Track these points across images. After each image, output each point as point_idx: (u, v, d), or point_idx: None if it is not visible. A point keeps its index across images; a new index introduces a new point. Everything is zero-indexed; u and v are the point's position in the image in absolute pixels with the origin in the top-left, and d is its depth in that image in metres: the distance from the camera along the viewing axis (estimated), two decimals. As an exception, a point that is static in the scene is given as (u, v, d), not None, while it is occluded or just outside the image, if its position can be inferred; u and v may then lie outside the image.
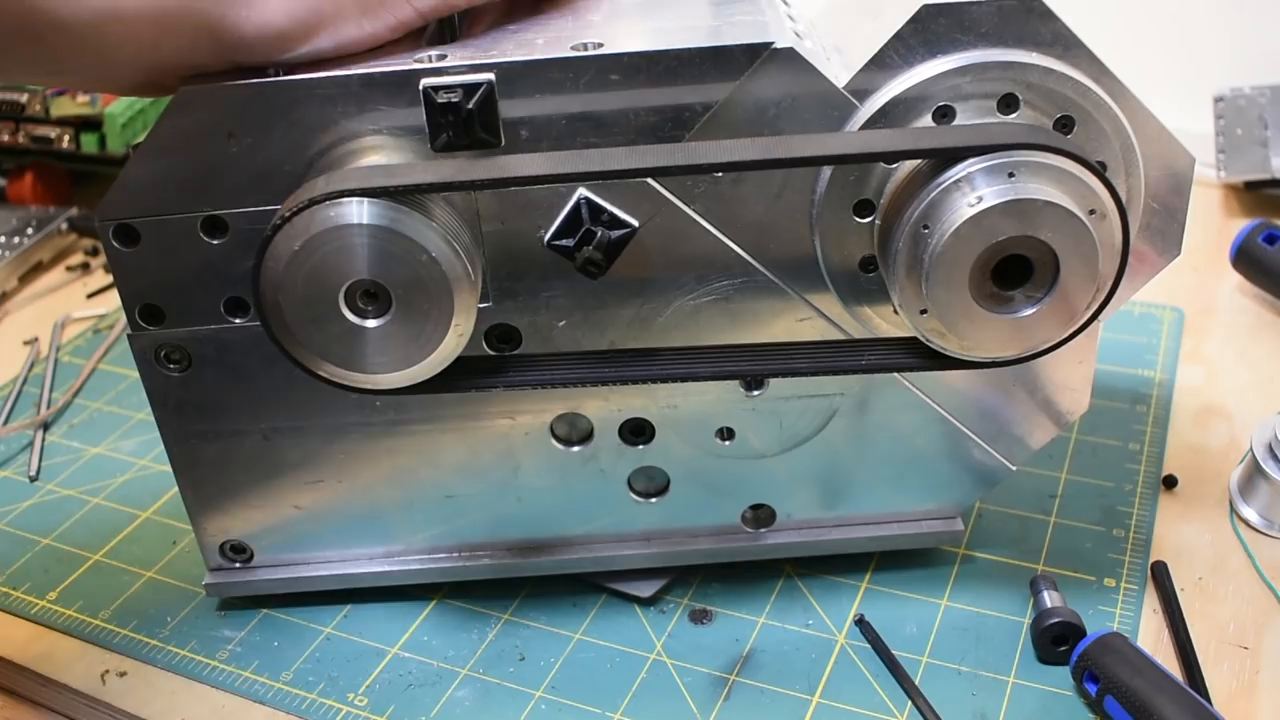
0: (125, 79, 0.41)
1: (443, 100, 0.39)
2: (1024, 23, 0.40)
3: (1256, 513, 0.54)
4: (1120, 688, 0.43)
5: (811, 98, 0.41)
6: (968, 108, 0.41)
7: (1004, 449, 0.49)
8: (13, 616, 0.53)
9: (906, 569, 0.52)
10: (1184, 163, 0.43)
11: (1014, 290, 0.40)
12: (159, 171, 0.41)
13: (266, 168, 0.41)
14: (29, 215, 0.84)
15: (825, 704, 0.46)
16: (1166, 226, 0.44)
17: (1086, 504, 0.55)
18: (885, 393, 0.47)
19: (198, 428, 0.47)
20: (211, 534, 0.50)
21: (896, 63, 0.40)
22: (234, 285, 0.43)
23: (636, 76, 0.40)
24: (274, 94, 0.40)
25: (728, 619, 0.50)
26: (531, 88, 0.40)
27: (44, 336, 0.74)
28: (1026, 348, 0.41)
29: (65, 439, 0.65)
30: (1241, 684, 0.46)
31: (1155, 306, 0.70)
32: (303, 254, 0.38)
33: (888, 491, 0.50)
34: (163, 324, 0.44)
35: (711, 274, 0.44)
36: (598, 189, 0.42)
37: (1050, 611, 0.47)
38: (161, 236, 0.42)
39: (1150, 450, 0.58)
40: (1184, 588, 0.50)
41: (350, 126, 0.40)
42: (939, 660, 0.48)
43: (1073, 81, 0.40)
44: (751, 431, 0.48)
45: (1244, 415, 0.61)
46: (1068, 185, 0.38)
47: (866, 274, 0.44)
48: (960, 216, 0.38)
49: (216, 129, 0.40)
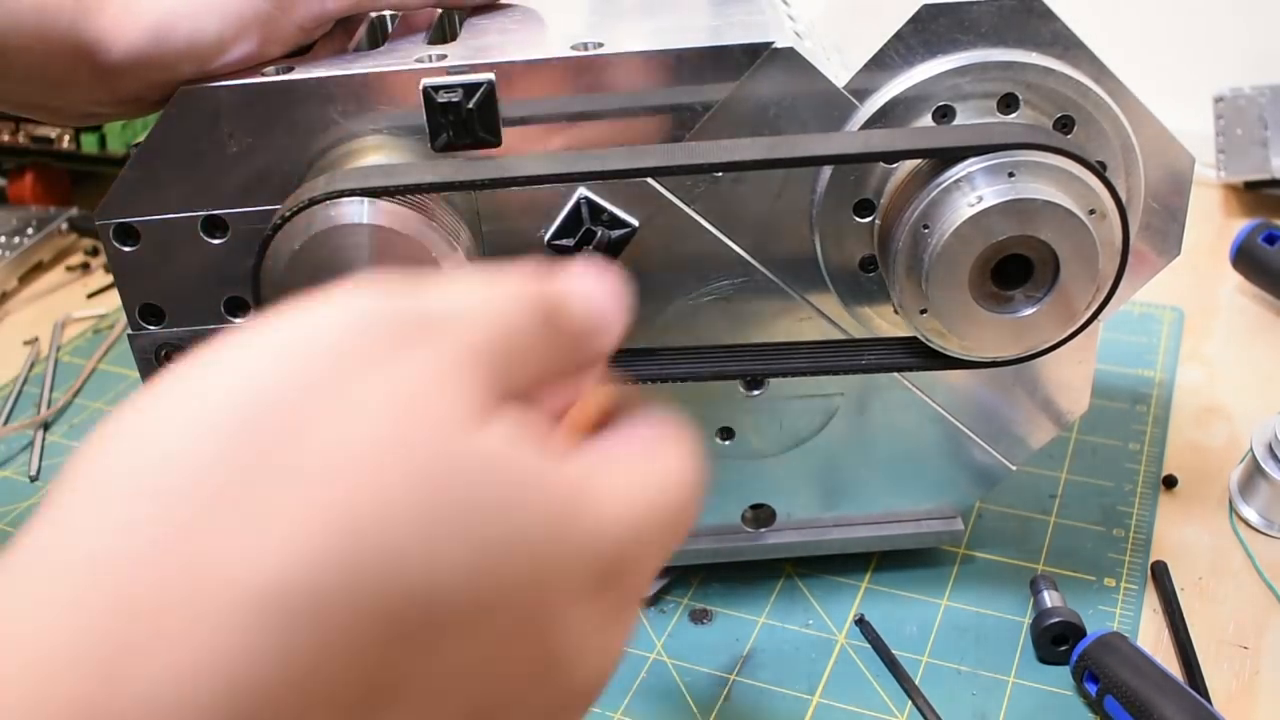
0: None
1: (443, 100, 0.39)
2: (1024, 23, 0.40)
3: (1256, 513, 0.54)
4: (1120, 688, 0.43)
5: (811, 98, 0.41)
6: (967, 108, 0.41)
7: (1004, 449, 0.49)
8: (13, 616, 0.53)
9: (906, 569, 0.52)
10: (1184, 163, 0.43)
11: (1014, 290, 0.40)
12: (159, 171, 0.41)
13: (266, 168, 0.41)
14: (29, 215, 0.84)
15: (825, 704, 0.46)
16: (1166, 226, 0.44)
17: (1086, 504, 0.55)
18: (885, 393, 0.47)
19: (198, 428, 0.47)
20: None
21: (896, 63, 0.40)
22: (234, 285, 0.43)
23: (636, 76, 0.40)
24: (273, 94, 0.40)
25: (728, 619, 0.50)
26: (531, 88, 0.40)
27: (44, 336, 0.74)
28: (1026, 348, 0.41)
29: (66, 439, 0.65)
30: (1241, 684, 0.46)
31: (1155, 306, 0.70)
32: (303, 254, 0.38)
33: (888, 491, 0.50)
34: (163, 324, 0.44)
35: (711, 274, 0.44)
36: (598, 189, 0.42)
37: (1050, 611, 0.47)
38: (161, 236, 0.42)
39: (1150, 450, 0.58)
40: (1184, 588, 0.50)
41: (350, 126, 0.40)
42: (939, 660, 0.48)
43: (1073, 81, 0.40)
44: (751, 431, 0.48)
45: (1244, 415, 0.61)
46: (1068, 185, 0.38)
47: (866, 274, 0.44)
48: (960, 216, 0.38)
49: (216, 129, 0.40)
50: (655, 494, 0.24)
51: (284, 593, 0.18)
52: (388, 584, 0.19)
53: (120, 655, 0.17)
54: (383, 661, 0.19)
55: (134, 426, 0.20)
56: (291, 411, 0.20)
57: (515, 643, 0.21)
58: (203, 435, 0.20)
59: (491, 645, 0.21)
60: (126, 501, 0.19)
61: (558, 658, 0.22)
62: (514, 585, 0.21)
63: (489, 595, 0.20)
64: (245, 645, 0.18)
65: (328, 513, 0.19)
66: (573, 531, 0.22)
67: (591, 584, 0.23)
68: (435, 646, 0.20)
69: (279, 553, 0.18)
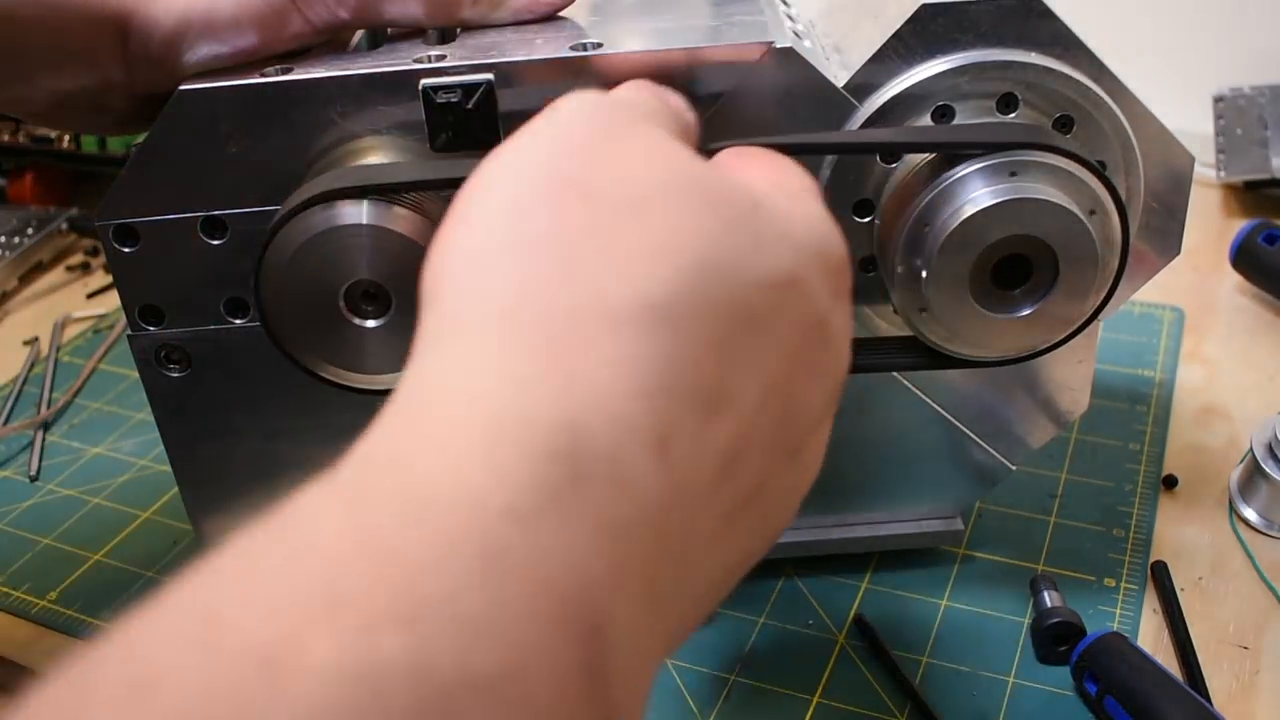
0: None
1: (442, 100, 0.39)
2: (1023, 22, 0.40)
3: (1256, 513, 0.54)
4: (1120, 688, 0.43)
5: (811, 97, 0.41)
6: (966, 107, 0.41)
7: (1004, 449, 0.49)
8: (13, 616, 0.53)
9: (906, 569, 0.52)
10: (1184, 162, 0.43)
11: (1014, 290, 0.40)
12: (159, 171, 0.41)
13: (266, 168, 0.41)
14: (29, 215, 0.84)
15: (825, 704, 0.46)
16: (1166, 226, 0.44)
17: (1086, 504, 0.55)
18: (885, 393, 0.47)
19: (198, 428, 0.47)
20: (211, 534, 0.50)
21: (896, 62, 0.40)
22: (234, 285, 0.43)
23: (636, 76, 0.40)
24: (272, 94, 0.40)
25: (728, 619, 0.50)
26: (531, 88, 0.40)
27: (44, 336, 0.74)
28: (1026, 348, 0.41)
29: (65, 439, 0.65)
30: (1241, 684, 0.46)
31: (1155, 306, 0.70)
32: (302, 255, 0.38)
33: (888, 491, 0.50)
34: (163, 324, 0.44)
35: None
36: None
37: (1050, 611, 0.47)
38: (161, 237, 0.42)
39: (1150, 450, 0.58)
40: (1184, 588, 0.50)
41: (349, 126, 0.40)
42: (939, 660, 0.48)
43: (1072, 81, 0.40)
44: (751, 431, 0.48)
45: (1244, 415, 0.61)
46: (1067, 185, 0.38)
47: (866, 274, 0.43)
48: (960, 216, 0.38)
49: (215, 129, 0.40)
50: (823, 219, 0.30)
51: (652, 306, 0.24)
52: (717, 288, 0.25)
53: (560, 374, 0.23)
54: (724, 352, 0.25)
55: (488, 212, 0.26)
56: (595, 168, 0.26)
57: (805, 326, 0.27)
58: (549, 205, 0.25)
59: (790, 328, 0.26)
60: (514, 264, 0.24)
61: (829, 337, 0.28)
62: (789, 278, 0.26)
63: (783, 283, 0.26)
64: (634, 352, 0.23)
65: (661, 241, 0.24)
66: (803, 236, 0.28)
67: (827, 278, 0.28)
68: (756, 331, 0.25)
69: (641, 278, 0.24)
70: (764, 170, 0.31)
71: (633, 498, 0.22)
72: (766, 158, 0.32)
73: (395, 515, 0.20)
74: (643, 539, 0.22)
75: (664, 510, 0.23)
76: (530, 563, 0.20)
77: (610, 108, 0.29)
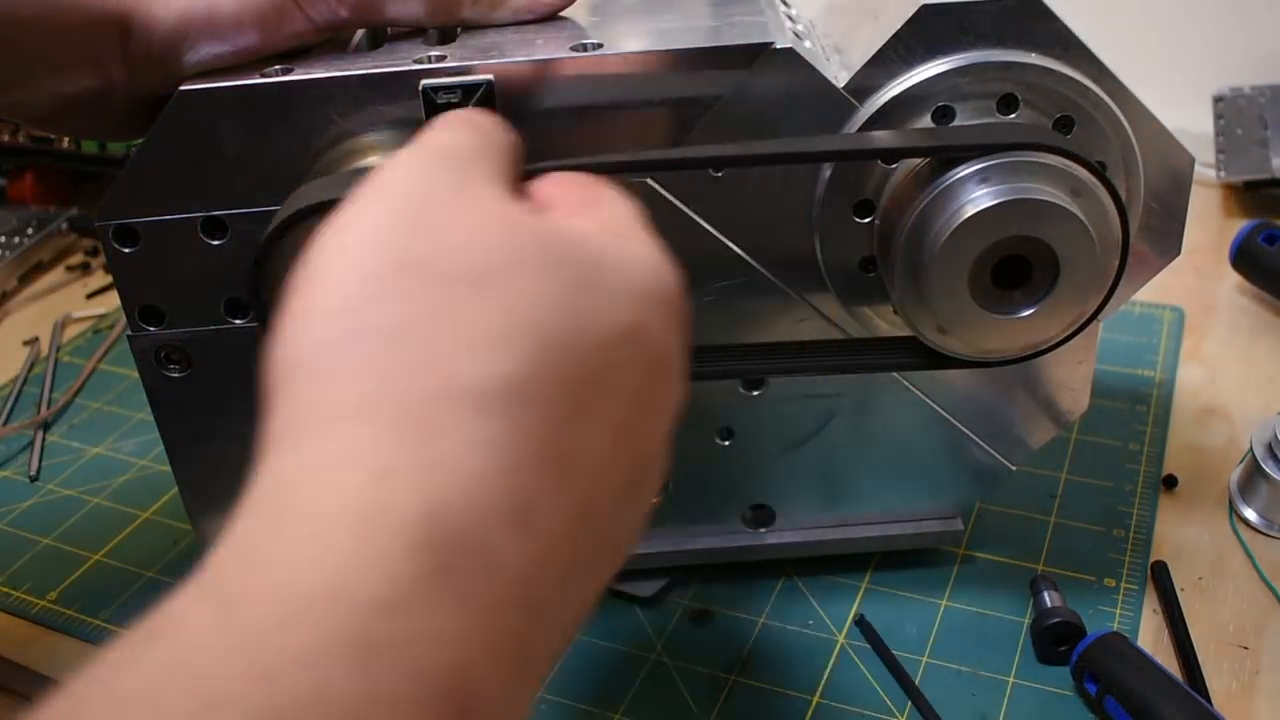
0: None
1: (442, 101, 0.39)
2: (1023, 23, 0.40)
3: (1256, 513, 0.54)
4: (1120, 688, 0.43)
5: (811, 98, 0.41)
6: (967, 108, 0.41)
7: (1004, 449, 0.49)
8: (13, 616, 0.53)
9: (906, 569, 0.52)
10: (1184, 162, 0.43)
11: (1014, 290, 0.40)
12: (159, 171, 0.41)
13: (266, 168, 0.41)
14: (29, 215, 0.84)
15: (825, 704, 0.46)
16: (1166, 226, 0.44)
17: (1086, 504, 0.55)
18: (885, 393, 0.47)
19: (198, 428, 0.47)
20: (211, 534, 0.50)
21: (896, 63, 0.40)
22: (234, 286, 0.43)
23: (635, 77, 0.40)
24: (272, 94, 0.40)
25: (728, 619, 0.50)
26: (530, 89, 0.40)
27: (44, 336, 0.74)
28: (1026, 348, 0.41)
29: (65, 439, 0.65)
30: (1241, 684, 0.46)
31: (1155, 306, 0.70)
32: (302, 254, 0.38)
33: (888, 491, 0.50)
34: (162, 325, 0.44)
35: (711, 274, 0.44)
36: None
37: (1050, 611, 0.47)
38: (161, 237, 0.42)
39: (1150, 450, 0.58)
40: (1184, 588, 0.50)
41: (349, 127, 0.40)
42: (939, 660, 0.48)
43: (1072, 81, 0.40)
44: (751, 431, 0.48)
45: (1244, 415, 0.61)
46: (1067, 185, 0.38)
47: (866, 274, 0.43)
48: (960, 216, 0.38)
49: (215, 130, 0.40)
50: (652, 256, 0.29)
51: (505, 384, 0.24)
52: (565, 355, 0.25)
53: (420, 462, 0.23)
54: (577, 412, 0.25)
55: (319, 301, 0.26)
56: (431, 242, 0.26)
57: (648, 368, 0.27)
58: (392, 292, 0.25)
59: (633, 375, 0.27)
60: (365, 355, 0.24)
61: (669, 371, 0.29)
62: (630, 328, 0.27)
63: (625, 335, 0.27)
64: (490, 433, 0.23)
65: (506, 318, 0.25)
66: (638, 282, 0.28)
67: (665, 317, 0.28)
68: (604, 385, 0.26)
69: (490, 358, 0.24)
70: (588, 208, 0.31)
71: (497, 577, 0.23)
72: (586, 190, 0.32)
73: (266, 617, 0.20)
74: (512, 612, 0.23)
75: (529, 581, 0.23)
76: (400, 652, 0.20)
77: (435, 168, 0.28)
